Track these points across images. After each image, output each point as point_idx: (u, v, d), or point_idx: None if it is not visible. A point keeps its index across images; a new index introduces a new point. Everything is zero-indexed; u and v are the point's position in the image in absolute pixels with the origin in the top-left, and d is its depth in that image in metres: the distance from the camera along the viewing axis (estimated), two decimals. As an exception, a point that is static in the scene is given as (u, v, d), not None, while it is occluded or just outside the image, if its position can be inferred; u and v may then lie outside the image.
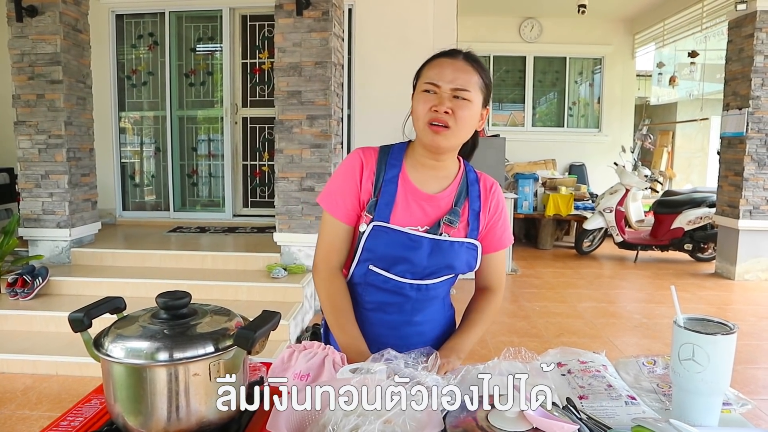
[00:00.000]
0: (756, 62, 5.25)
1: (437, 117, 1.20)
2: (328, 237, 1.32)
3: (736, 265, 5.49)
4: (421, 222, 1.28)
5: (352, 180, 1.29)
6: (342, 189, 1.30)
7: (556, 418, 0.82)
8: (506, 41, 8.64)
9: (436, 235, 1.26)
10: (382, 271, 1.29)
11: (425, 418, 0.91)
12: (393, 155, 1.32)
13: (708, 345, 0.92)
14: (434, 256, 1.27)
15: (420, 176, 1.30)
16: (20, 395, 2.94)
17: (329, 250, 1.32)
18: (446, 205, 1.30)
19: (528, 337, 3.86)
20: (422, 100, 1.22)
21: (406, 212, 1.28)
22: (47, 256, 4.40)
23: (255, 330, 0.82)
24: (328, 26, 4.10)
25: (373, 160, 1.31)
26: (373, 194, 1.28)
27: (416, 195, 1.29)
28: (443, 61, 1.23)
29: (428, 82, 1.21)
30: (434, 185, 1.31)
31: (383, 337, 1.32)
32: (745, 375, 3.29)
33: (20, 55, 4.30)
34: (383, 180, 1.28)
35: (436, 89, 1.21)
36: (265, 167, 5.93)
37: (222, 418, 0.86)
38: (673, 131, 10.42)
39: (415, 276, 1.29)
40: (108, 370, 0.83)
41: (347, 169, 1.31)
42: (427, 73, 1.23)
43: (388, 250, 1.26)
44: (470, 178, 1.35)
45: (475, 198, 1.32)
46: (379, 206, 1.26)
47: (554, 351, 1.28)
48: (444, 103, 1.19)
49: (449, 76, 1.20)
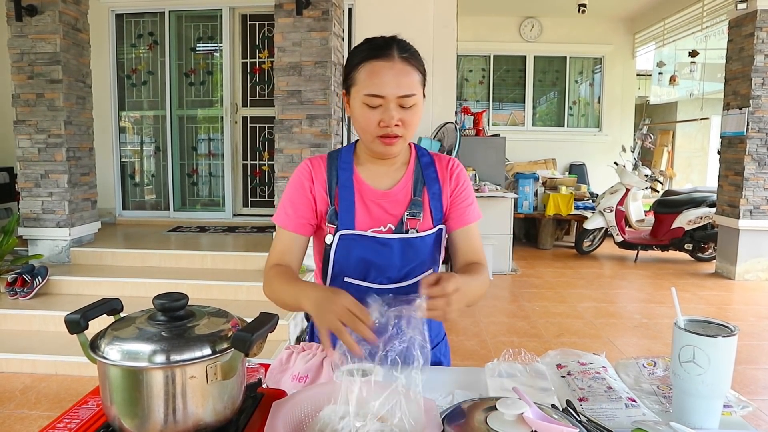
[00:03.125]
0: (756, 61, 5.24)
1: (387, 132, 1.14)
2: (278, 248, 1.26)
3: (736, 264, 5.48)
4: (384, 221, 1.24)
5: (302, 190, 1.25)
6: (292, 200, 1.26)
7: (555, 422, 0.82)
8: (506, 41, 8.63)
9: (403, 234, 1.22)
10: (358, 281, 1.25)
11: (424, 419, 0.90)
12: (342, 158, 1.27)
13: (709, 347, 0.92)
14: (406, 256, 1.23)
15: (372, 174, 1.26)
16: (19, 395, 2.94)
17: (279, 258, 1.25)
18: (405, 198, 1.25)
19: (528, 337, 3.85)
20: (367, 114, 1.14)
21: (367, 215, 1.24)
22: (47, 256, 4.40)
23: (252, 332, 0.82)
24: (328, 26, 4.10)
25: (322, 168, 1.26)
26: (330, 203, 1.24)
27: (372, 195, 1.25)
28: (380, 66, 1.13)
29: (371, 94, 1.12)
30: (388, 180, 1.26)
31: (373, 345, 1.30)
32: (745, 375, 3.28)
33: (20, 54, 4.29)
34: (337, 185, 1.24)
35: (381, 101, 1.13)
36: (265, 167, 5.93)
37: (219, 420, 0.86)
38: (673, 131, 10.41)
39: (391, 280, 1.25)
40: (104, 372, 0.83)
41: (296, 181, 1.27)
42: (365, 83, 1.13)
43: (358, 257, 1.22)
44: (424, 162, 1.29)
45: (432, 181, 1.27)
46: (340, 214, 1.22)
47: (554, 352, 1.27)
48: (393, 116, 1.13)
49: (392, 83, 1.12)
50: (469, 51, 8.53)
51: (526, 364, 1.22)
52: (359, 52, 1.18)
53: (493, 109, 8.90)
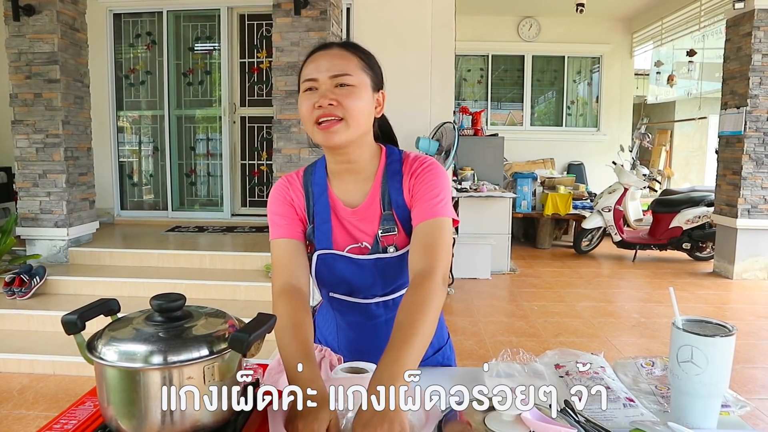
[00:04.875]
0: (754, 61, 5.25)
1: (324, 112, 1.07)
2: (280, 261, 1.17)
3: (734, 264, 5.49)
4: (360, 239, 1.18)
5: (286, 203, 1.20)
6: (279, 213, 1.20)
7: (553, 422, 0.82)
8: (504, 40, 8.64)
9: (379, 253, 1.16)
10: (344, 296, 1.22)
11: (423, 418, 0.90)
12: (316, 173, 1.22)
13: (707, 347, 0.92)
14: (386, 276, 1.18)
15: (342, 187, 1.19)
16: (17, 395, 2.93)
17: (285, 272, 1.15)
18: (375, 214, 1.17)
19: (526, 337, 3.86)
20: (304, 99, 1.11)
21: (343, 232, 1.18)
22: (45, 256, 4.39)
23: (250, 333, 0.81)
24: (326, 25, 4.09)
25: (298, 185, 1.22)
26: (309, 221, 1.20)
27: (343, 213, 1.19)
28: (317, 54, 1.14)
29: (306, 79, 1.11)
30: (357, 195, 1.19)
31: (368, 349, 1.24)
32: (743, 375, 3.29)
33: (17, 54, 4.28)
34: (313, 203, 1.19)
35: (315, 84, 1.10)
36: (264, 166, 5.92)
37: (216, 421, 0.85)
38: (671, 130, 10.42)
39: (377, 296, 1.21)
40: (101, 373, 0.82)
41: (278, 197, 1.21)
42: (304, 72, 1.13)
43: (339, 276, 1.18)
44: (391, 171, 1.18)
45: (397, 192, 1.16)
46: (317, 233, 1.18)
47: (552, 352, 1.27)
48: (326, 96, 1.08)
49: (325, 65, 1.10)
50: (468, 51, 8.53)
51: (525, 364, 1.22)
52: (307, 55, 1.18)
53: (491, 108, 8.90)
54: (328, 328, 1.33)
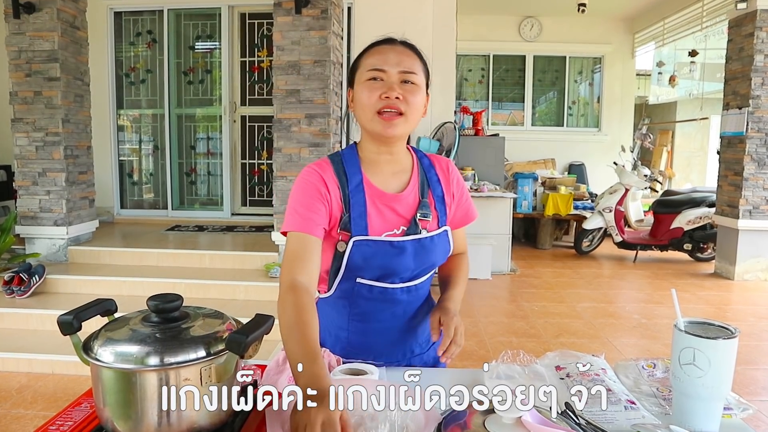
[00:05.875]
0: (756, 61, 5.23)
1: (389, 104, 1.14)
2: (292, 253, 1.14)
3: (735, 265, 5.48)
4: (396, 224, 1.23)
5: (316, 195, 1.18)
6: (304, 204, 1.17)
7: (554, 425, 0.81)
8: (506, 40, 8.62)
9: (417, 235, 1.23)
10: (372, 281, 1.24)
11: (422, 420, 0.90)
12: (348, 162, 1.24)
13: (709, 349, 0.91)
14: (419, 257, 1.24)
15: (380, 177, 1.26)
16: (15, 394, 2.92)
17: (295, 266, 1.12)
18: (414, 200, 1.26)
19: (527, 338, 3.85)
20: (368, 88, 1.16)
21: (380, 219, 1.23)
22: (44, 254, 4.38)
23: (247, 334, 0.81)
24: (327, 24, 4.09)
25: (331, 174, 1.21)
26: (345, 209, 1.20)
27: (383, 198, 1.24)
28: (383, 47, 1.19)
29: (373, 68, 1.16)
30: (395, 183, 1.27)
31: (372, 344, 1.29)
32: (745, 376, 3.28)
33: (17, 51, 4.27)
34: (349, 190, 1.21)
35: (383, 75, 1.15)
36: (264, 166, 5.91)
37: (214, 423, 0.85)
38: (672, 130, 10.40)
39: (403, 280, 1.26)
40: (97, 374, 0.82)
41: (307, 187, 1.19)
42: (368, 61, 1.18)
43: (373, 262, 1.21)
44: (425, 165, 1.32)
45: (435, 183, 1.30)
46: (353, 219, 1.19)
47: (553, 354, 1.26)
48: (394, 89, 1.14)
49: (394, 59, 1.16)
50: (469, 50, 8.52)
51: (525, 365, 1.21)
52: (367, 47, 1.23)
53: (492, 108, 8.89)
54: (334, 324, 1.33)
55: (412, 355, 1.35)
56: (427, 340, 1.38)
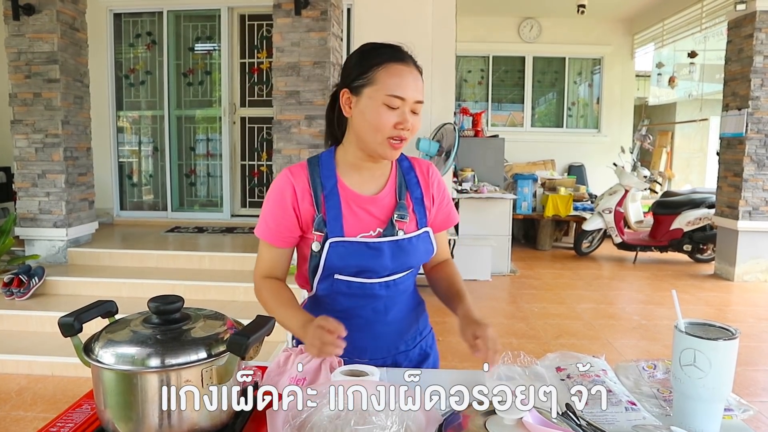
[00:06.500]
0: (755, 62, 5.24)
1: (401, 134, 1.18)
2: (266, 261, 1.32)
3: (735, 266, 5.48)
4: (372, 226, 1.26)
5: (283, 203, 1.26)
6: (273, 215, 1.27)
7: (555, 426, 0.81)
8: (505, 41, 8.63)
9: (393, 236, 1.25)
10: (349, 277, 1.27)
11: (423, 421, 0.89)
12: (324, 165, 1.28)
13: (710, 350, 0.91)
14: (396, 257, 1.26)
15: (356, 180, 1.28)
16: (15, 396, 2.92)
17: (267, 271, 1.32)
18: (390, 202, 1.28)
19: (526, 339, 3.84)
20: (385, 113, 1.17)
21: (355, 220, 1.25)
22: (44, 256, 4.38)
23: (248, 336, 0.81)
24: (327, 26, 4.09)
25: (304, 178, 1.27)
26: (317, 211, 1.24)
27: (358, 200, 1.26)
28: (402, 69, 1.18)
29: (395, 95, 1.16)
30: (372, 185, 1.29)
31: (356, 340, 1.26)
32: (745, 377, 3.28)
33: (17, 53, 4.27)
34: (323, 194, 1.25)
35: (402, 104, 1.17)
36: (264, 167, 5.91)
37: (215, 424, 0.85)
38: (672, 132, 10.41)
39: (381, 276, 1.28)
40: (98, 376, 0.82)
41: (277, 194, 1.27)
42: (387, 82, 1.17)
43: (349, 262, 1.24)
44: (404, 167, 1.34)
45: (414, 186, 1.32)
46: (329, 221, 1.23)
47: (553, 355, 1.26)
48: (407, 119, 1.17)
49: (411, 87, 1.18)
50: (468, 51, 8.52)
51: (525, 366, 1.21)
52: (377, 53, 1.20)
53: (492, 109, 8.89)
54: None
55: (397, 351, 1.36)
56: (413, 337, 1.39)
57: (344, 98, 1.23)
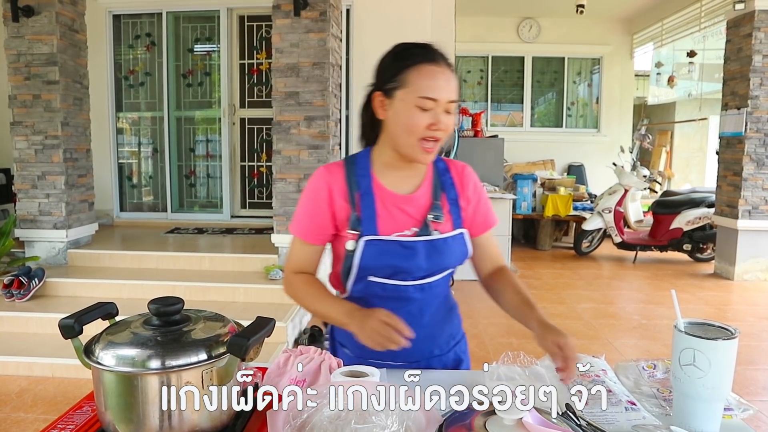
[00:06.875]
0: (754, 62, 5.24)
1: (435, 135, 1.17)
2: (298, 258, 1.31)
3: (735, 265, 5.48)
4: (407, 225, 1.25)
5: (319, 201, 1.26)
6: (309, 212, 1.27)
7: (554, 426, 0.81)
8: (504, 41, 8.63)
9: (428, 236, 1.24)
10: (383, 279, 1.26)
11: (423, 421, 0.90)
12: (359, 165, 1.28)
13: (709, 350, 0.91)
14: (431, 258, 1.24)
15: (392, 180, 1.27)
16: (15, 398, 2.92)
17: (298, 267, 1.31)
18: (426, 202, 1.27)
19: (527, 339, 3.83)
20: (418, 114, 1.15)
21: (390, 219, 1.24)
22: (44, 258, 4.38)
23: (248, 337, 0.81)
24: (326, 27, 4.09)
25: (340, 176, 1.27)
26: (352, 209, 1.24)
27: (394, 199, 1.26)
28: (434, 70, 1.16)
29: (427, 97, 1.14)
30: (407, 185, 1.28)
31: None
32: (745, 376, 3.28)
33: (16, 55, 4.27)
34: (359, 193, 1.24)
35: (434, 105, 1.15)
36: (263, 168, 5.91)
37: (215, 425, 0.85)
38: (671, 131, 10.41)
39: (415, 278, 1.26)
40: (99, 377, 0.82)
41: (312, 193, 1.27)
42: (420, 83, 1.15)
43: (384, 261, 1.23)
44: (440, 168, 1.33)
45: (449, 187, 1.31)
46: (363, 220, 1.23)
47: (553, 355, 1.26)
48: (441, 120, 1.16)
49: (444, 88, 1.16)
50: (468, 52, 8.52)
51: (525, 366, 1.21)
52: (408, 54, 1.18)
53: (491, 110, 8.90)
54: None
55: (431, 356, 1.34)
56: (446, 342, 1.37)
57: (377, 101, 1.22)
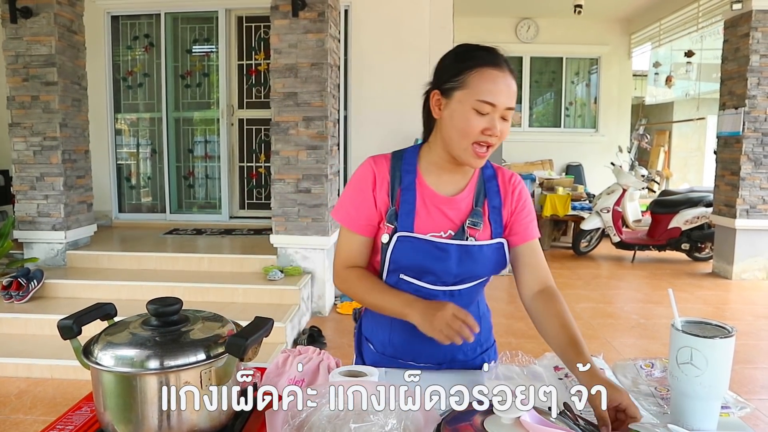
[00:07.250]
0: (752, 61, 5.25)
1: (488, 140, 1.14)
2: (346, 249, 1.28)
3: (733, 264, 5.49)
4: (444, 227, 1.23)
5: (365, 191, 1.25)
6: (354, 201, 1.26)
7: (553, 425, 0.81)
8: (503, 42, 8.23)
9: (463, 241, 1.21)
10: (414, 279, 1.24)
11: (421, 421, 0.90)
12: (406, 161, 1.27)
13: (706, 348, 0.92)
14: (463, 263, 1.22)
15: (436, 180, 1.26)
16: (14, 399, 2.92)
17: (347, 260, 1.28)
18: (467, 207, 1.25)
19: (526, 339, 3.85)
20: (474, 118, 1.13)
21: (428, 218, 1.23)
22: (42, 259, 4.38)
23: (247, 337, 0.81)
24: (324, 27, 4.09)
25: (385, 169, 1.26)
26: (391, 203, 1.23)
27: (435, 199, 1.24)
28: (496, 75, 1.13)
29: (486, 101, 1.12)
30: (451, 187, 1.26)
31: (413, 343, 1.27)
32: (743, 375, 3.28)
33: (15, 56, 4.27)
34: (400, 188, 1.23)
35: (491, 109, 1.12)
36: (262, 169, 5.91)
37: (214, 425, 0.85)
38: (669, 131, 10.43)
39: (446, 284, 1.24)
40: (98, 378, 0.82)
41: (359, 181, 1.26)
42: (480, 86, 1.12)
43: (415, 260, 1.21)
44: (487, 174, 1.30)
45: (494, 194, 1.27)
46: (401, 215, 1.22)
47: (551, 354, 1.27)
48: (496, 126, 1.13)
49: (504, 93, 1.13)
50: (466, 52, 8.51)
51: (524, 366, 1.22)
52: (471, 56, 1.16)
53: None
54: (380, 325, 1.33)
55: (454, 360, 1.32)
56: (473, 349, 1.36)
57: (434, 100, 1.20)
